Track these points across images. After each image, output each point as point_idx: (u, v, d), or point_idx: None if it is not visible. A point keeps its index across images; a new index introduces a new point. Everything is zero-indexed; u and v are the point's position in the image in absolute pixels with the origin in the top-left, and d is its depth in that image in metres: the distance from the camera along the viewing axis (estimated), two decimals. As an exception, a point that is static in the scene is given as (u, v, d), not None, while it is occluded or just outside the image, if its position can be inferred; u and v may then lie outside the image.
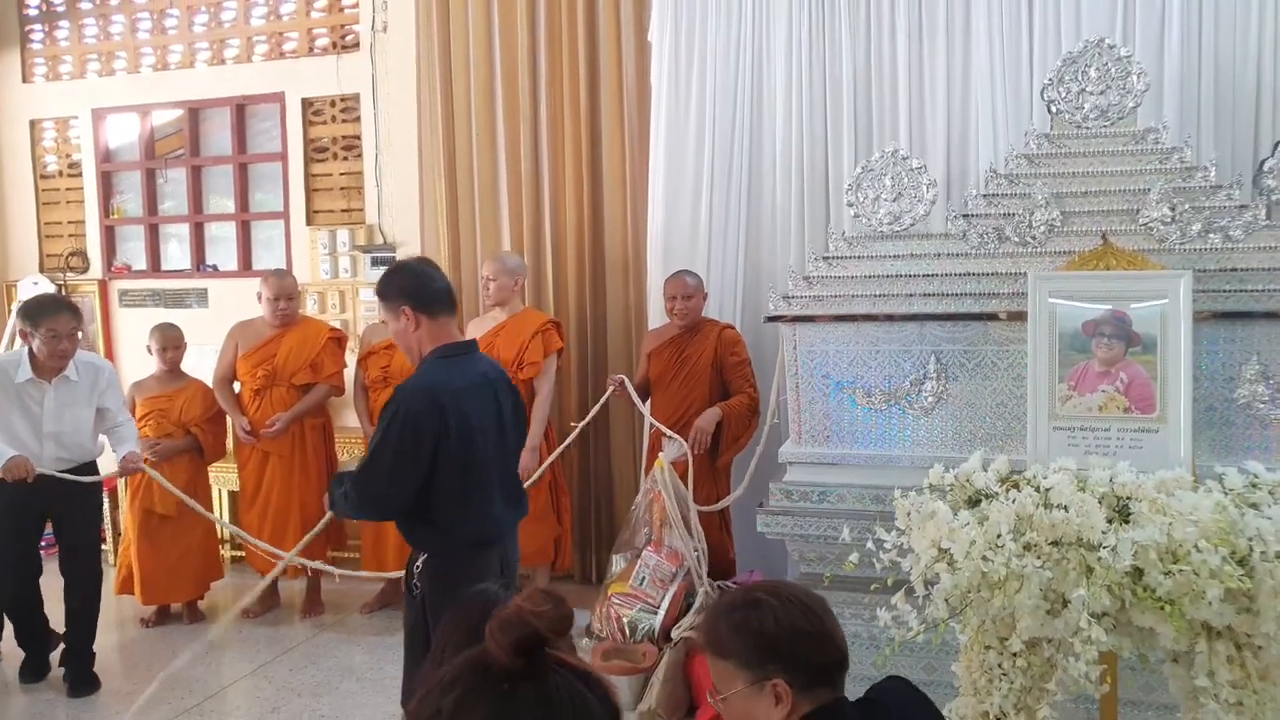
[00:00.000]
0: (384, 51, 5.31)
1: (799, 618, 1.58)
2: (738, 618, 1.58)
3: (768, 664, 1.55)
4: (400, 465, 2.50)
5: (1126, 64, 3.18)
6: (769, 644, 1.56)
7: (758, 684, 1.54)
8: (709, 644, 1.63)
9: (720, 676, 1.60)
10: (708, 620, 1.66)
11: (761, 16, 4.45)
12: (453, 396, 2.50)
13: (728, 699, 1.58)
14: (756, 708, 1.55)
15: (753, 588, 1.66)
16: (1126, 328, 2.60)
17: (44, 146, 6.17)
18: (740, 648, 1.57)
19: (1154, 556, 2.19)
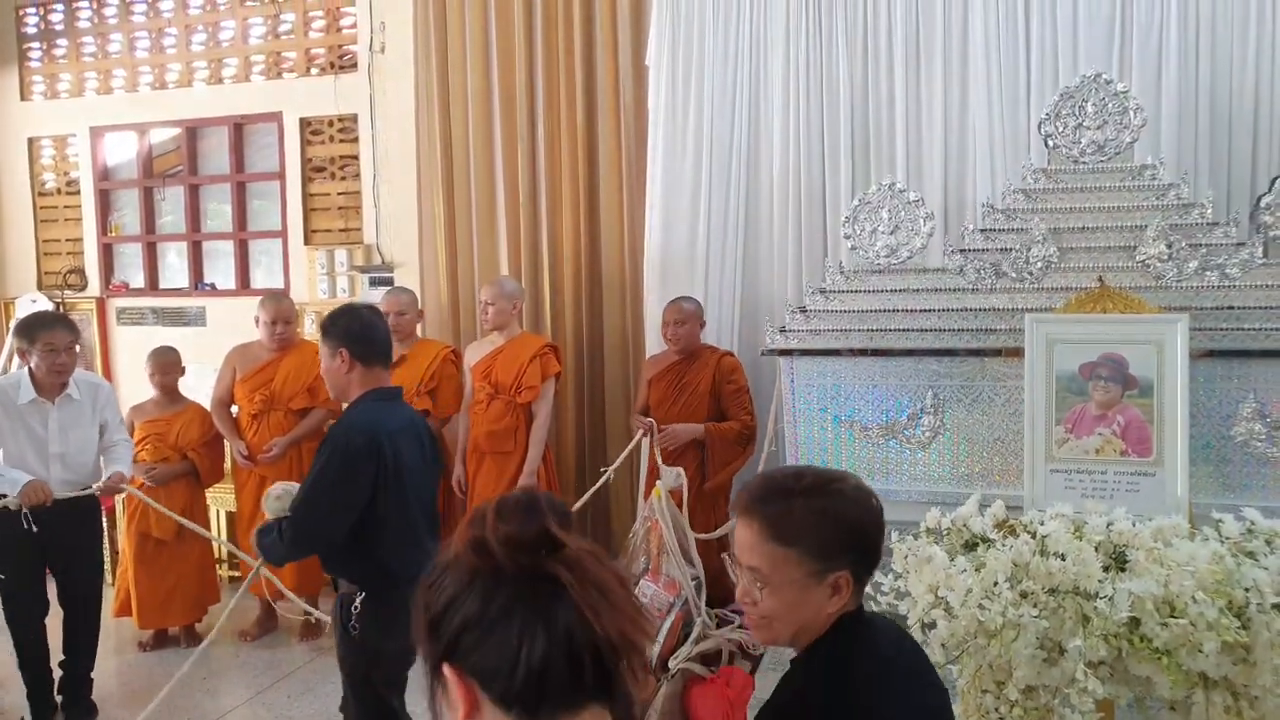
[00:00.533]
0: (382, 72, 5.31)
1: (877, 510, 1.48)
2: (819, 504, 1.43)
3: (842, 554, 1.42)
4: (339, 500, 2.57)
5: (1124, 99, 3.19)
6: (849, 535, 1.43)
7: (820, 574, 1.41)
8: (770, 526, 1.42)
9: (774, 562, 1.42)
10: (771, 501, 1.44)
11: (759, 41, 4.45)
12: (389, 436, 2.61)
13: (775, 586, 1.42)
14: (810, 598, 1.42)
15: (823, 473, 1.50)
16: (1123, 371, 2.61)
17: (42, 164, 6.16)
18: (815, 535, 1.41)
19: (1151, 607, 2.19)
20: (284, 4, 5.55)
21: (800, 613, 1.44)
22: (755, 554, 1.44)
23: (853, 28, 4.33)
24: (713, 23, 4.48)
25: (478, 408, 4.45)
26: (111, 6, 5.86)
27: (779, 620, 1.45)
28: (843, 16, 4.33)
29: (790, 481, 1.46)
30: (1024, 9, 4.10)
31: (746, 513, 1.46)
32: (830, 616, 1.44)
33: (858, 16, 4.32)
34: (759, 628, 1.48)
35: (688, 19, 4.51)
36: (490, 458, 4.41)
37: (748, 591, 1.46)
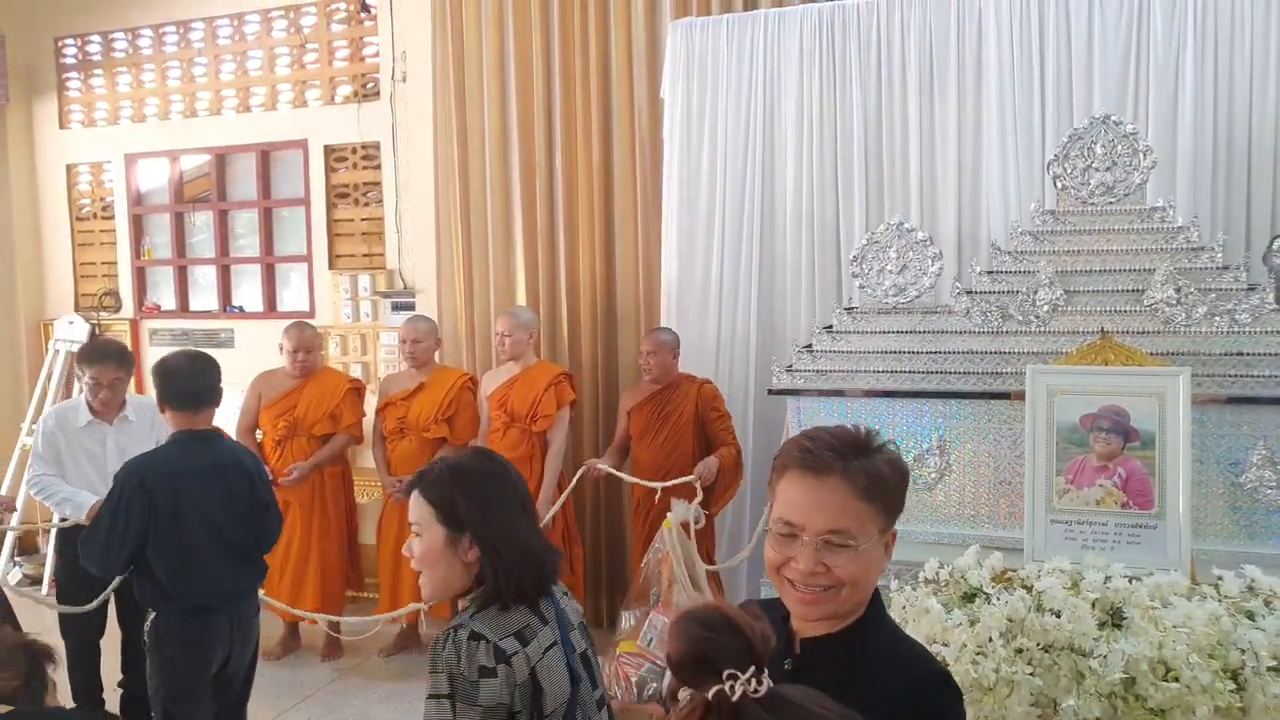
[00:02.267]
0: (403, 101, 5.40)
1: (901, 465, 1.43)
2: (891, 458, 1.38)
3: (898, 511, 1.40)
4: (112, 537, 2.90)
5: (1133, 140, 3.17)
6: (903, 491, 1.41)
7: (886, 532, 1.38)
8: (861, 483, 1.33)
9: (865, 522, 1.34)
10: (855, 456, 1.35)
11: (772, 73, 4.47)
12: (164, 479, 2.92)
13: (862, 547, 1.34)
14: (879, 559, 1.38)
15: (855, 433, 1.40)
16: (1124, 423, 2.60)
17: (79, 190, 6.34)
18: (892, 492, 1.37)
19: (1145, 668, 2.19)
20: (310, 34, 5.66)
21: (872, 575, 1.38)
22: (844, 514, 1.33)
23: (866, 61, 4.33)
24: (726, 55, 4.51)
25: (494, 436, 4.51)
26: (145, 37, 6.01)
27: (858, 584, 1.36)
28: (856, 49, 4.33)
29: (863, 437, 1.38)
30: (1038, 45, 4.08)
31: (826, 469, 1.33)
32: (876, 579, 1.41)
33: (871, 50, 4.32)
34: (822, 601, 1.35)
35: (701, 51, 4.54)
36: (506, 486, 4.47)
37: (823, 558, 1.33)
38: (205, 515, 2.97)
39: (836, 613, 1.38)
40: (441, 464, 1.88)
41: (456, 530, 1.79)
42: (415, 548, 1.83)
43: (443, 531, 1.79)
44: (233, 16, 5.78)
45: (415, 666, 4.75)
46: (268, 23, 5.72)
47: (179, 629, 2.97)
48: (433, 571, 1.82)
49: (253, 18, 5.74)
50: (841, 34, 4.36)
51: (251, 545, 3.16)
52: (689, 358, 4.61)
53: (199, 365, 3.13)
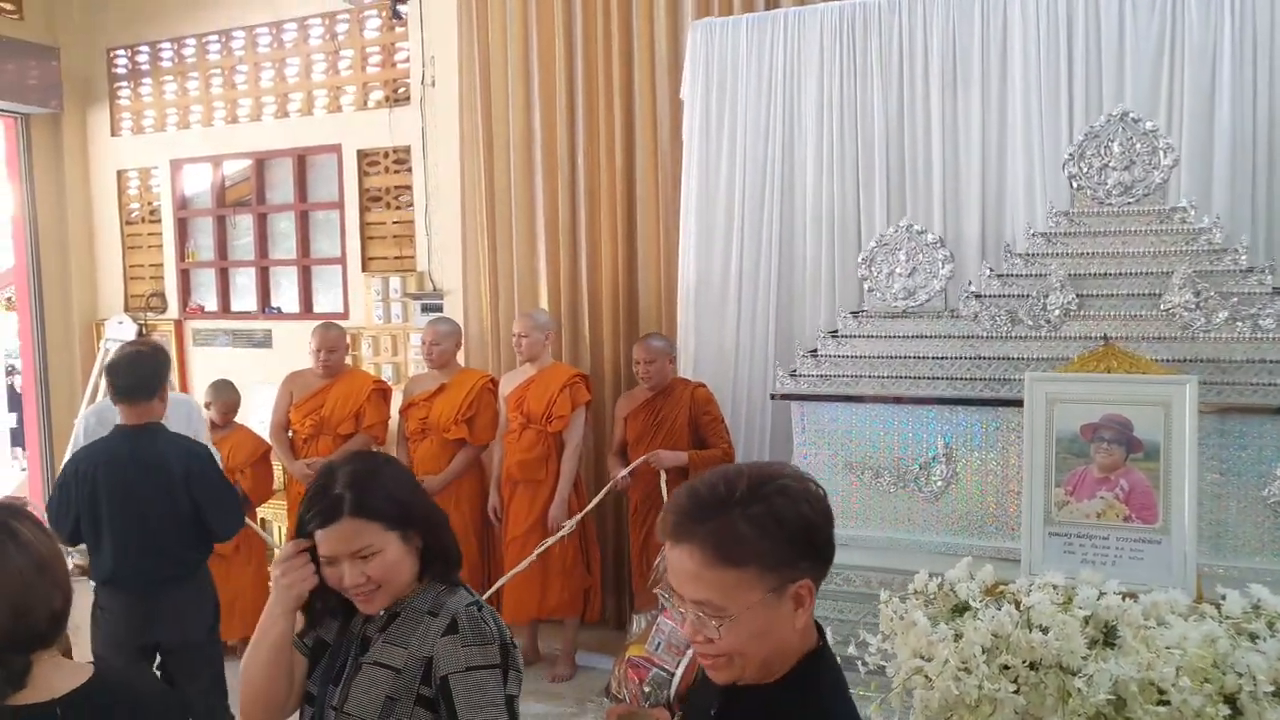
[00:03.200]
0: (432, 106, 5.45)
1: (822, 499, 1.29)
2: (760, 510, 1.23)
3: (800, 561, 1.24)
4: (57, 509, 3.29)
5: (1153, 138, 3.04)
6: (804, 535, 1.25)
7: (780, 589, 1.24)
8: (712, 550, 1.23)
9: (729, 591, 1.22)
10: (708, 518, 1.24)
11: (792, 72, 4.40)
12: (91, 465, 3.23)
13: (738, 618, 1.23)
14: (778, 618, 1.25)
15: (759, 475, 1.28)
16: (1127, 433, 2.49)
17: (129, 195, 6.54)
18: (768, 546, 1.22)
19: (1135, 690, 2.09)
20: (344, 40, 5.75)
21: (769, 640, 1.26)
22: (703, 584, 1.23)
23: (887, 58, 4.23)
24: (746, 54, 4.45)
25: (510, 437, 4.53)
26: (190, 47, 6.17)
27: (745, 655, 1.26)
28: (877, 47, 4.24)
29: (723, 490, 1.26)
30: (1066, 38, 3.94)
31: (683, 536, 1.24)
32: (801, 634, 1.29)
33: (892, 46, 4.23)
34: (719, 668, 1.27)
35: (721, 51, 4.49)
36: (523, 486, 4.49)
37: (699, 628, 1.24)
38: (120, 502, 3.22)
39: (742, 679, 1.29)
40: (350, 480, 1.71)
41: (406, 528, 1.74)
42: (373, 569, 1.68)
43: (397, 536, 1.72)
44: (272, 25, 5.90)
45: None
46: (304, 30, 5.83)
47: (98, 600, 3.30)
48: (397, 578, 1.73)
49: (290, 26, 5.86)
50: (863, 31, 4.27)
51: (174, 536, 3.28)
52: (706, 360, 4.58)
53: (135, 361, 3.30)
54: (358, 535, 1.68)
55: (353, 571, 1.68)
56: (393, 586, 1.72)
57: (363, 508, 1.69)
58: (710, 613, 1.23)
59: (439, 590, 1.76)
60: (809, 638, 1.32)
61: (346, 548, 1.68)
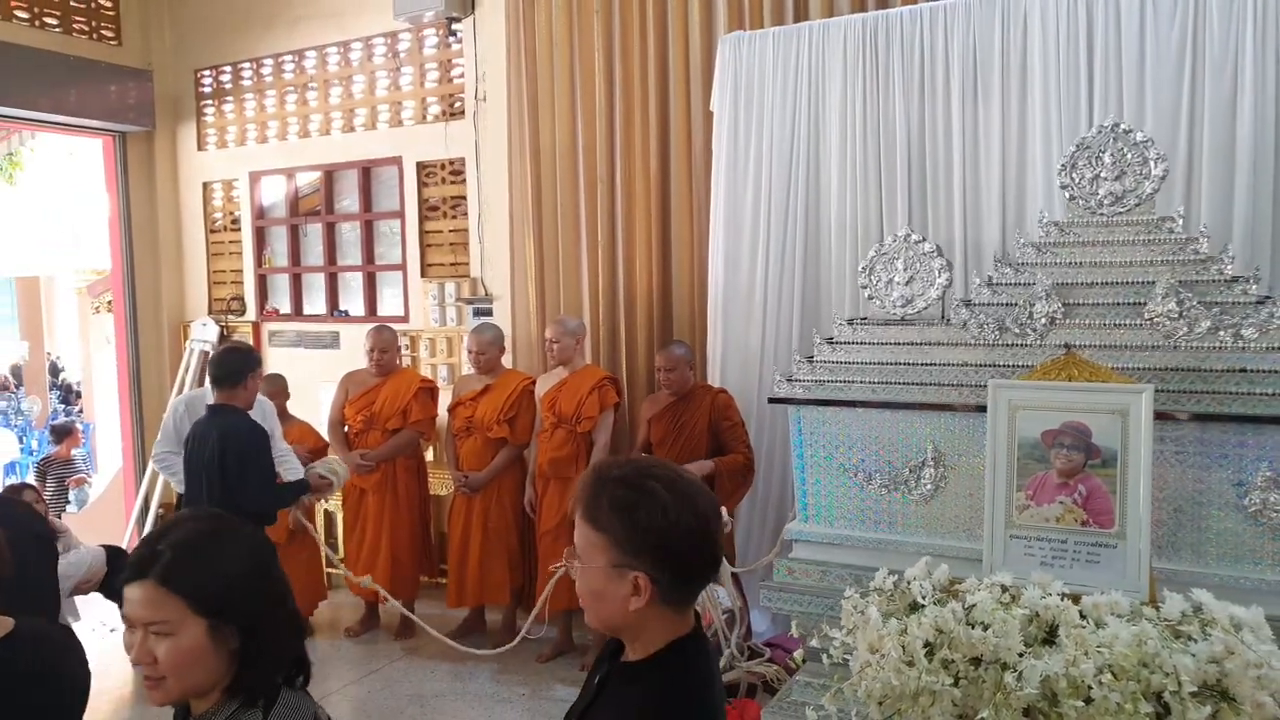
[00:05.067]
0: (484, 119, 5.73)
1: (689, 516, 1.42)
2: (622, 497, 1.42)
3: (640, 554, 1.41)
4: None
5: (1144, 149, 3.07)
6: (647, 538, 1.41)
7: (621, 569, 1.42)
8: (585, 506, 1.46)
9: (587, 543, 1.45)
10: (591, 485, 1.47)
11: (817, 84, 4.51)
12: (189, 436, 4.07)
13: (587, 569, 1.45)
14: (613, 590, 1.43)
15: (648, 469, 1.47)
16: (1086, 440, 2.55)
17: (213, 205, 7.04)
18: (618, 526, 1.42)
19: (1064, 685, 2.18)
20: (405, 57, 6.09)
21: (603, 604, 1.44)
22: (576, 530, 1.47)
23: (909, 70, 4.32)
24: (772, 67, 4.59)
25: (543, 435, 4.77)
26: (267, 66, 6.61)
27: (590, 603, 1.47)
28: (899, 59, 4.33)
29: (612, 469, 1.48)
30: (1086, 49, 3.96)
31: (578, 491, 1.49)
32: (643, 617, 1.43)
33: (914, 58, 4.31)
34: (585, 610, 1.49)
35: (749, 64, 4.64)
36: (554, 482, 4.72)
37: (571, 566, 1.49)
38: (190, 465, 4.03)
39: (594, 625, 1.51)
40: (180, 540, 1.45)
41: (220, 618, 1.42)
42: (162, 652, 1.40)
43: (204, 625, 1.41)
44: (340, 45, 6.29)
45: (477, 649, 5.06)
46: (369, 49, 6.19)
47: None
48: (189, 674, 1.43)
49: (356, 45, 6.23)
50: (885, 44, 4.37)
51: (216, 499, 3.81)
52: (733, 365, 4.72)
53: (228, 355, 4.01)
54: (156, 606, 1.41)
55: (140, 647, 1.42)
56: (184, 682, 1.43)
57: (171, 577, 1.41)
58: (574, 555, 1.47)
59: (233, 709, 1.45)
60: (677, 626, 1.48)
61: (141, 615, 1.42)
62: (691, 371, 4.48)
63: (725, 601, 4.12)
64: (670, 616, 1.46)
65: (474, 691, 4.59)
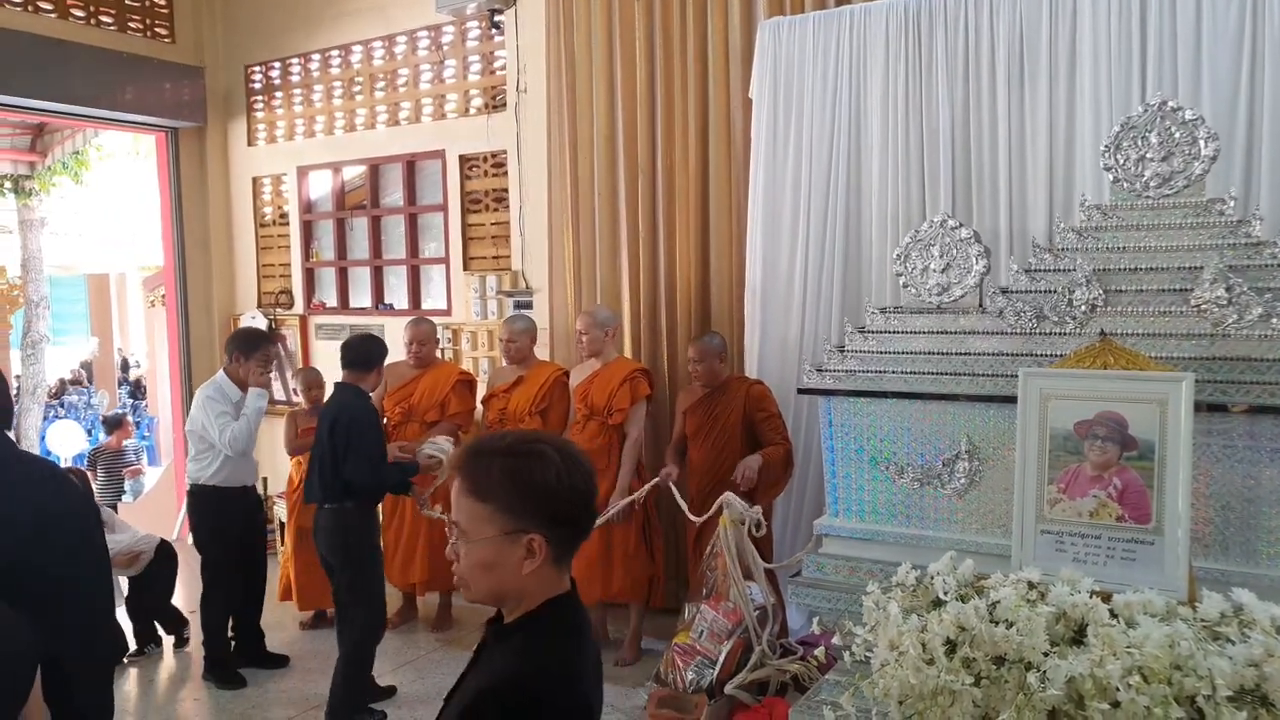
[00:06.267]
0: (526, 111, 5.72)
1: (580, 479, 1.49)
2: (514, 464, 1.46)
3: (533, 516, 1.45)
4: None
5: (1193, 128, 2.91)
6: (544, 499, 1.46)
7: (515, 535, 1.45)
8: (469, 481, 1.47)
9: (472, 518, 1.46)
10: (473, 458, 1.49)
11: (858, 69, 4.41)
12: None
13: (474, 543, 1.46)
14: (506, 557, 1.46)
15: (534, 437, 1.54)
16: (1122, 431, 2.43)
17: (262, 200, 7.15)
18: (508, 494, 1.45)
19: (1090, 687, 2.07)
20: (448, 50, 6.11)
21: (493, 575, 1.47)
22: (459, 509, 1.47)
23: (953, 53, 4.19)
24: (813, 52, 4.49)
25: (576, 427, 4.74)
26: (315, 62, 6.70)
27: (472, 581, 1.49)
28: (943, 42, 4.20)
29: (495, 440, 1.52)
30: (1139, 29, 3.80)
31: (460, 466, 1.50)
32: (530, 580, 1.47)
33: (958, 41, 4.18)
34: (463, 585, 1.51)
35: (789, 50, 4.55)
36: (587, 475, 4.67)
37: (453, 546, 1.50)
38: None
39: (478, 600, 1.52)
40: None
41: None
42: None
43: None
44: (385, 39, 6.33)
45: (509, 643, 5.05)
46: (413, 42, 6.22)
47: None
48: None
49: (401, 39, 6.27)
50: (928, 26, 4.25)
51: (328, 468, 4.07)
52: (771, 355, 4.64)
53: (359, 343, 4.22)
54: None
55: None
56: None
57: None
58: (459, 533, 1.48)
59: None
60: (556, 586, 1.52)
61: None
62: (723, 364, 4.41)
63: (758, 598, 4.04)
64: (553, 576, 1.51)
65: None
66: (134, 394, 15.54)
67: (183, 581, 5.45)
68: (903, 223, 4.33)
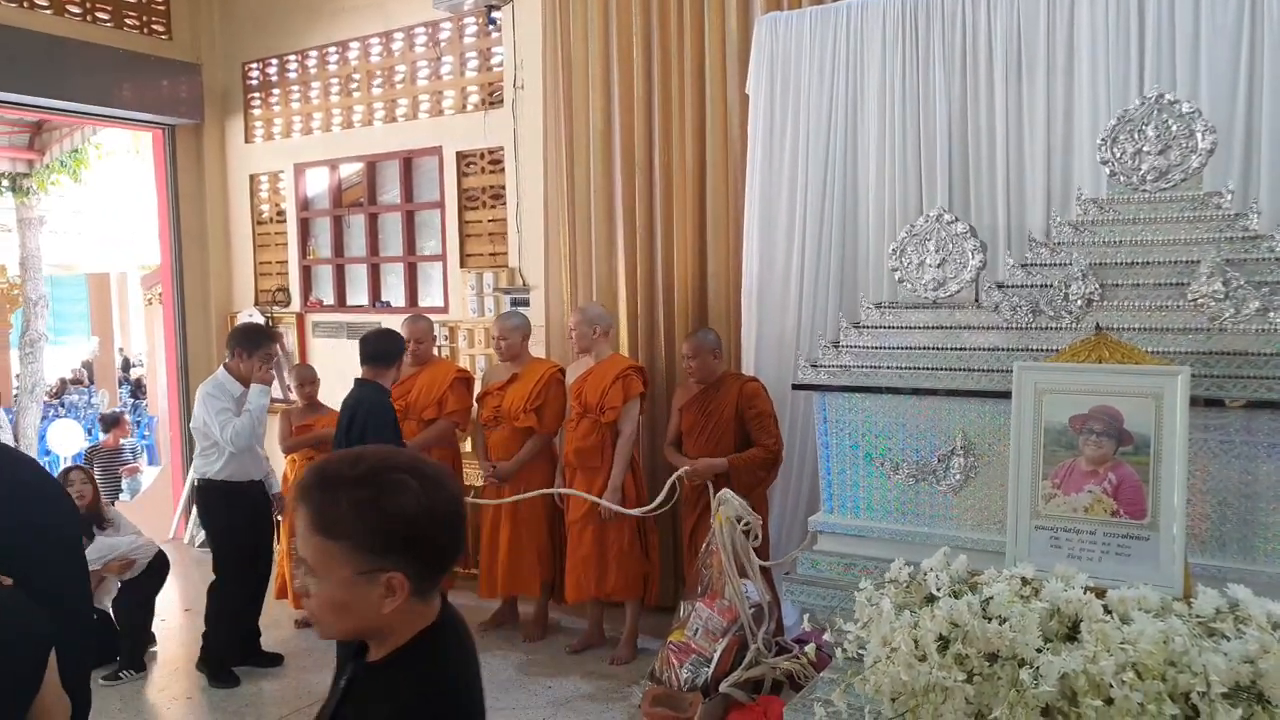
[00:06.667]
0: (523, 107, 5.70)
1: (444, 503, 1.35)
2: (366, 496, 1.30)
3: (390, 552, 1.30)
4: None
5: (1190, 120, 2.89)
6: (402, 534, 1.30)
7: (371, 575, 1.30)
8: (316, 516, 1.31)
9: (321, 556, 1.31)
10: (319, 489, 1.32)
11: (855, 64, 4.38)
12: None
13: (324, 582, 1.31)
14: (362, 598, 1.31)
15: (386, 462, 1.35)
16: (1117, 425, 2.40)
17: (260, 197, 7.13)
18: (361, 529, 1.29)
19: (1083, 684, 2.04)
20: (445, 46, 6.09)
21: (349, 616, 1.33)
22: (304, 545, 1.32)
23: (950, 47, 4.16)
24: (810, 48, 4.47)
25: (570, 425, 4.72)
26: (312, 58, 6.68)
27: (330, 618, 1.35)
28: (940, 35, 4.18)
29: (344, 468, 1.33)
30: (1137, 23, 3.77)
31: (297, 500, 1.33)
32: (393, 617, 1.33)
33: (955, 35, 4.15)
34: (317, 622, 1.38)
35: (785, 45, 4.52)
36: (581, 472, 4.65)
37: (303, 584, 1.36)
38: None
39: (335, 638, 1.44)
40: None
41: None
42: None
43: None
44: (382, 35, 6.31)
45: (503, 641, 5.02)
46: (410, 39, 6.21)
47: None
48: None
49: (399, 35, 6.25)
50: (925, 20, 4.22)
51: None
52: (768, 351, 4.61)
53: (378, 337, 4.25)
54: None
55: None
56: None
57: None
58: (308, 571, 1.33)
59: None
60: (424, 617, 1.38)
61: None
62: (717, 360, 4.38)
63: (754, 596, 4.02)
64: (419, 609, 1.38)
65: (500, 683, 4.55)
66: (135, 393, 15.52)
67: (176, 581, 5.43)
68: (900, 218, 4.30)
